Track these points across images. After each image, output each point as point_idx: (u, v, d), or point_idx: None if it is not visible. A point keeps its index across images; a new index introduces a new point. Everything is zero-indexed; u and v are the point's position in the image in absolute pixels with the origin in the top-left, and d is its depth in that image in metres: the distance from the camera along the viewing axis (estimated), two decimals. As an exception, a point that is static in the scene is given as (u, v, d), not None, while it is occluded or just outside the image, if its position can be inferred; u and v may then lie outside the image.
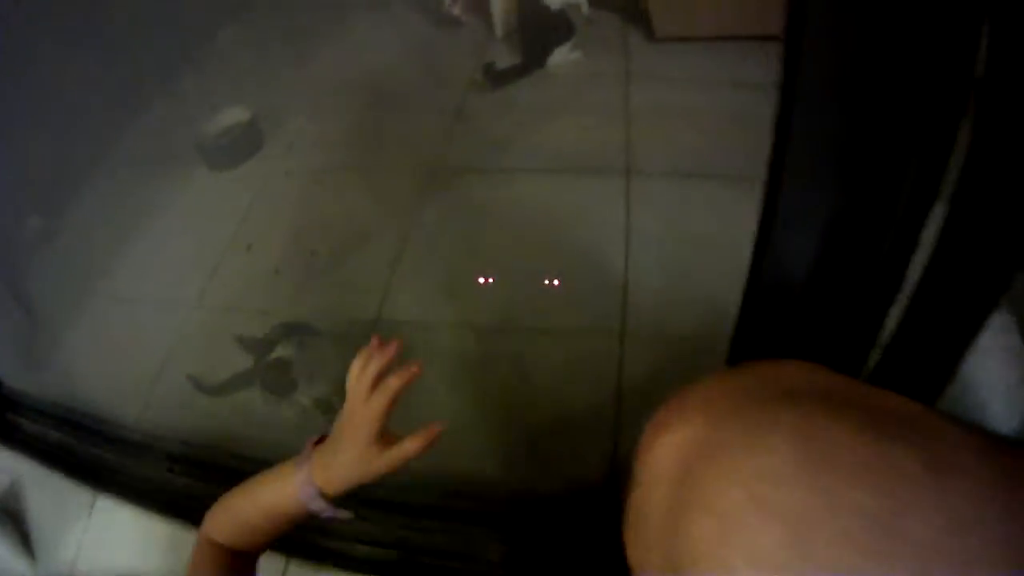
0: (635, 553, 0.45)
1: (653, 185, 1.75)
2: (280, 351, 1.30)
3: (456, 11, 2.44)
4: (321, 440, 0.60)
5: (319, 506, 0.57)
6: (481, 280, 1.51)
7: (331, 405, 1.26)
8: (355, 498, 0.58)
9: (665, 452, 0.39)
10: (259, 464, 0.63)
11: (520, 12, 2.40)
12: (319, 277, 1.61)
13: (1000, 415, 0.78)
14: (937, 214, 0.48)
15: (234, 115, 2.06)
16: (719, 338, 1.20)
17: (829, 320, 0.57)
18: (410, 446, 0.57)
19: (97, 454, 1.44)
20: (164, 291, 1.71)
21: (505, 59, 2.25)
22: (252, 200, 1.88)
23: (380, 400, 0.57)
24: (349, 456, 0.58)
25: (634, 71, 2.24)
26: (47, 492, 1.43)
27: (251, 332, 1.48)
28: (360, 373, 0.59)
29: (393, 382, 0.58)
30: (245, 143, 2.04)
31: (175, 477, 1.37)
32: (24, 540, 1.38)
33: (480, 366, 1.41)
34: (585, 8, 2.27)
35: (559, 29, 2.25)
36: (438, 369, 1.37)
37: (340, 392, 1.17)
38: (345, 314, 1.49)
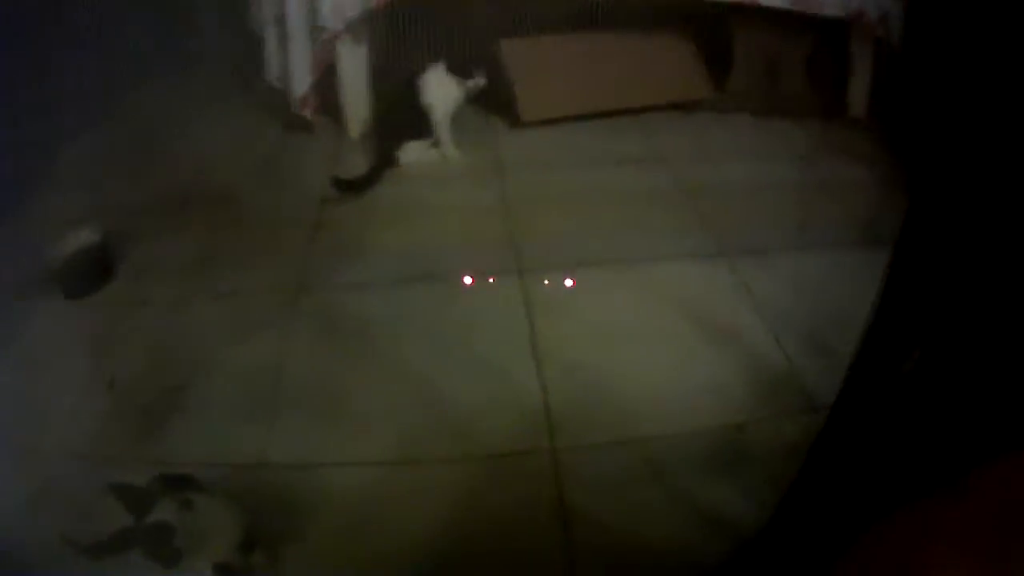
0: None
1: (549, 279, 1.74)
2: (160, 513, 1.23)
3: (306, 112, 2.47)
4: None
5: None
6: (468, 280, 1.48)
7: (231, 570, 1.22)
8: None
9: None
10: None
11: (376, 109, 2.44)
12: (192, 417, 1.56)
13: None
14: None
15: (82, 237, 1.96)
16: (657, 438, 1.27)
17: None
18: None
19: None
20: (17, 438, 1.59)
21: (360, 161, 2.29)
22: (109, 332, 1.80)
23: None
24: None
25: (505, 160, 2.29)
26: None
27: (126, 479, 1.42)
28: None
29: None
30: (96, 268, 1.95)
31: None
32: None
33: (392, 505, 1.29)
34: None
35: (415, 125, 2.30)
36: (334, 518, 1.27)
37: (239, 555, 1.17)
38: (227, 458, 1.45)
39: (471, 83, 2.27)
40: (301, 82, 2.38)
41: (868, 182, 2.08)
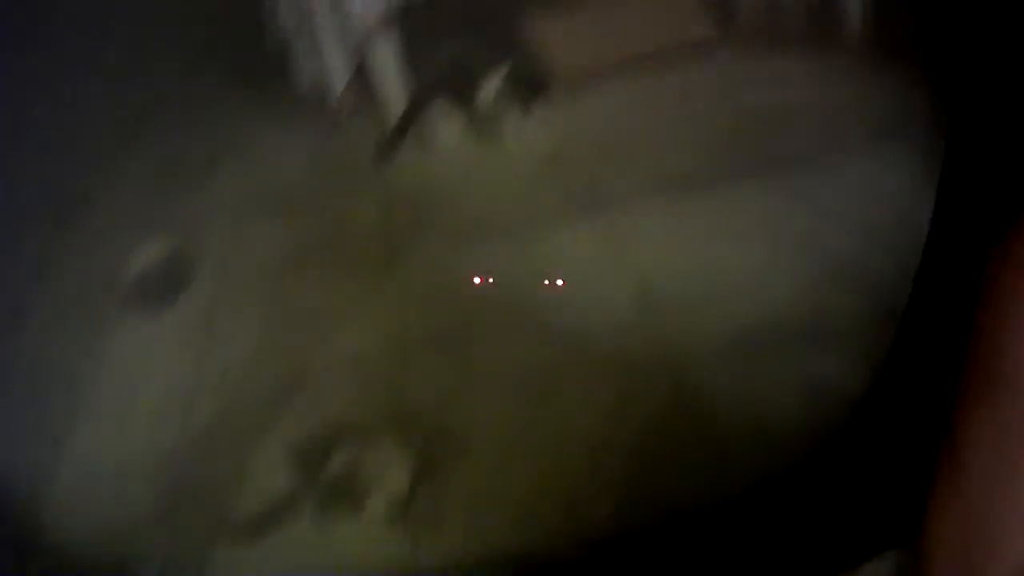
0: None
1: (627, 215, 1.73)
2: (340, 457, 1.19)
3: (347, 103, 2.44)
4: None
5: None
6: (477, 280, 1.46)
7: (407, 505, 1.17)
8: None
9: None
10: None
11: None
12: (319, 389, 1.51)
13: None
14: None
15: (154, 251, 1.91)
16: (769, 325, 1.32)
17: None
18: None
19: None
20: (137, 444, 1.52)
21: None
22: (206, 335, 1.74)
23: None
24: None
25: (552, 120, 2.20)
26: None
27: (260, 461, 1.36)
28: None
29: None
30: (173, 279, 1.89)
31: None
32: None
33: (531, 437, 1.34)
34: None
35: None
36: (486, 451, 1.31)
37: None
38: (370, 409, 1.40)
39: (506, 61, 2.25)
40: (338, 78, 2.35)
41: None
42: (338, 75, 2.38)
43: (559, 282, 1.52)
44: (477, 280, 1.64)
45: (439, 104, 2.26)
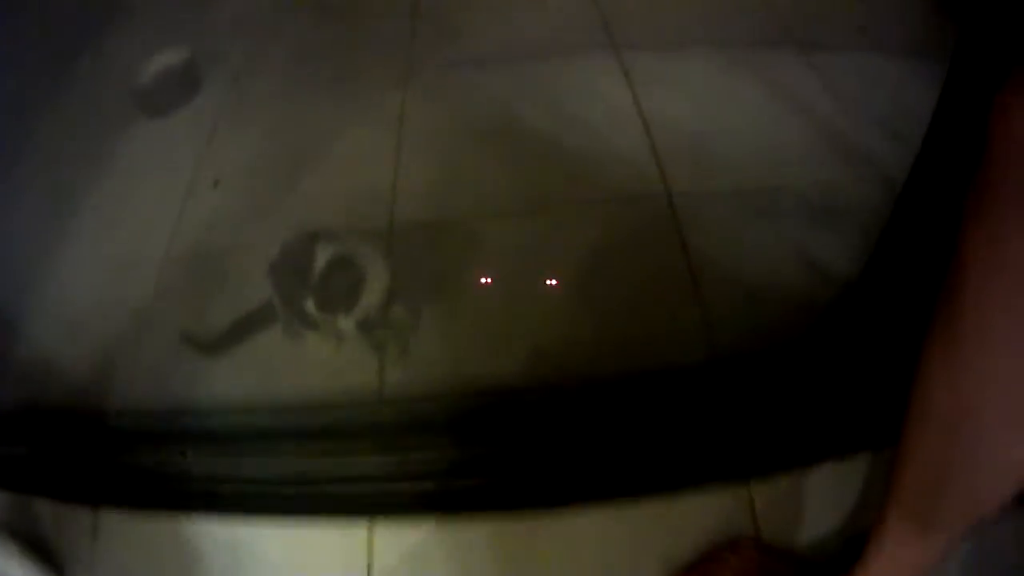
0: (982, 232, 0.52)
1: (647, 60, 1.61)
2: (320, 264, 1.06)
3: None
4: None
5: None
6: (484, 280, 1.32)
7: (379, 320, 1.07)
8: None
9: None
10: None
11: None
12: (308, 197, 1.39)
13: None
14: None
15: (170, 55, 1.80)
16: (771, 191, 1.27)
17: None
18: None
19: (86, 460, 1.17)
20: (125, 247, 1.45)
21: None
22: (208, 137, 1.63)
23: None
24: None
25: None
26: (44, 519, 1.18)
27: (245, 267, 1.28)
28: None
29: None
30: (186, 82, 1.78)
31: (188, 463, 1.11)
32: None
33: (524, 255, 1.24)
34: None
35: None
36: (476, 266, 1.22)
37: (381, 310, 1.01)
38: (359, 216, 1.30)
39: None
40: None
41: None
42: None
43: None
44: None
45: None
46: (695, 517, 0.93)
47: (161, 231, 1.44)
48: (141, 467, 1.15)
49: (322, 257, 1.11)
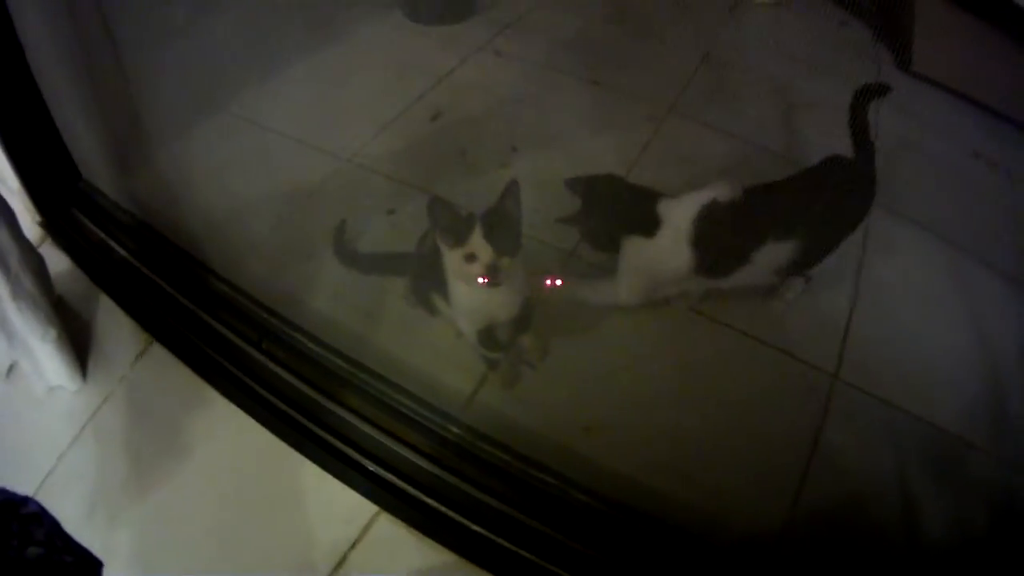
0: None
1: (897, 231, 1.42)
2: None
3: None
4: None
5: None
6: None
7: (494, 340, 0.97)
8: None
9: None
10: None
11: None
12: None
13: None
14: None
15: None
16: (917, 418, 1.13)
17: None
18: None
19: (164, 292, 1.17)
20: (313, 131, 1.42)
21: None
22: (452, 69, 1.57)
23: None
24: None
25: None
26: (102, 315, 1.21)
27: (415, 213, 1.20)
28: None
29: None
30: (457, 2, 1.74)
31: (259, 355, 1.08)
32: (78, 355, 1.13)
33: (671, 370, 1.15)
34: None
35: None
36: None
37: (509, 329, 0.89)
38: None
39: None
40: None
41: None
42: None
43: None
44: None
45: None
46: None
47: (363, 140, 1.41)
48: (215, 332, 1.13)
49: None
